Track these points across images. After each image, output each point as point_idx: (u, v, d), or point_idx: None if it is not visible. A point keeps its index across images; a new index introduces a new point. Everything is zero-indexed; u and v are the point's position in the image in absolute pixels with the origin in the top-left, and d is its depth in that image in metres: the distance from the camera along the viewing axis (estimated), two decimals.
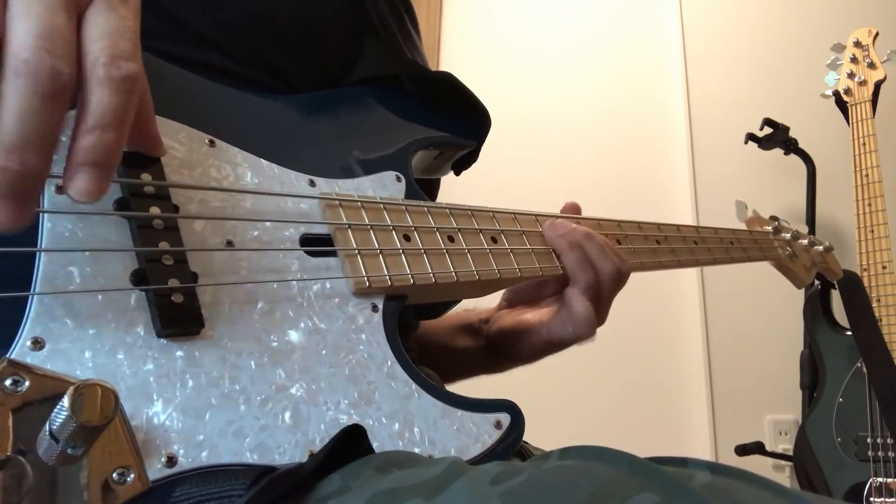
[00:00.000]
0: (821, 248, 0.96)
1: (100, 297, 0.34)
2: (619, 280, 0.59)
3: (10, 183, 0.28)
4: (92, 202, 0.31)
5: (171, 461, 0.32)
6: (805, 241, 0.93)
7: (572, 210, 0.66)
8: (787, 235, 0.91)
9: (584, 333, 0.58)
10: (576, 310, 0.57)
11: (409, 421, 0.42)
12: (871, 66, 1.64)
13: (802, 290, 1.59)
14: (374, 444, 0.39)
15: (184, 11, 0.50)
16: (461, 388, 0.56)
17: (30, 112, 0.28)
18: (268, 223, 0.43)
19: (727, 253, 0.79)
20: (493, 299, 0.65)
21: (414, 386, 0.44)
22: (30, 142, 0.28)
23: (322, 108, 0.53)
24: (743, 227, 0.89)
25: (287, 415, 0.37)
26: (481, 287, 0.54)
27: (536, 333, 0.60)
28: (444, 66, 2.16)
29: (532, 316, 0.62)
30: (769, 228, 0.91)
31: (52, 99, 0.28)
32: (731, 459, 1.62)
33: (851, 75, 1.65)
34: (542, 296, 0.64)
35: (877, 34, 1.67)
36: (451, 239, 0.51)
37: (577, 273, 0.57)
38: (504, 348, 0.64)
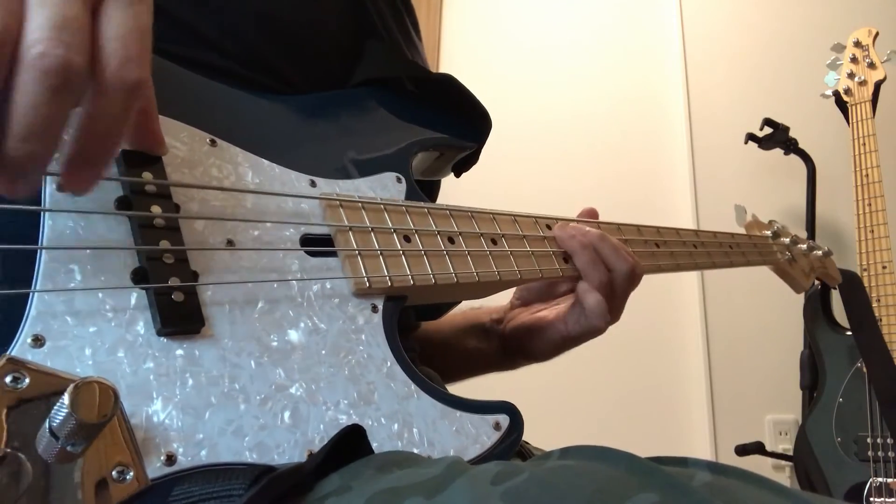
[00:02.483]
0: (819, 252, 0.96)
1: (100, 294, 0.34)
2: (633, 279, 0.60)
3: (15, 167, 0.28)
4: (82, 194, 0.33)
5: (171, 460, 0.32)
6: (804, 246, 0.93)
7: (590, 215, 0.67)
8: (786, 240, 0.92)
9: (598, 327, 0.59)
10: (588, 303, 0.58)
11: (408, 421, 0.42)
12: (871, 66, 1.64)
13: (800, 294, 1.59)
14: (374, 445, 0.39)
15: (187, 13, 0.50)
16: (461, 388, 0.56)
17: (41, 103, 0.28)
18: (268, 223, 0.43)
19: (726, 257, 0.79)
20: (496, 298, 0.66)
21: (413, 387, 0.44)
22: (39, 131, 0.28)
23: (323, 109, 0.53)
24: (742, 231, 0.89)
25: (286, 414, 0.37)
26: (481, 289, 0.54)
27: (553, 330, 0.61)
28: (444, 66, 2.16)
29: (548, 313, 0.63)
30: (768, 233, 0.91)
31: (64, 91, 0.28)
32: (731, 459, 1.62)
33: (851, 75, 1.65)
34: (555, 294, 0.65)
35: (877, 34, 1.67)
36: (452, 240, 0.51)
37: (590, 272, 0.58)
38: (521, 346, 0.65)
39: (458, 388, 0.52)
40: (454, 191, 0.72)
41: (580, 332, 0.60)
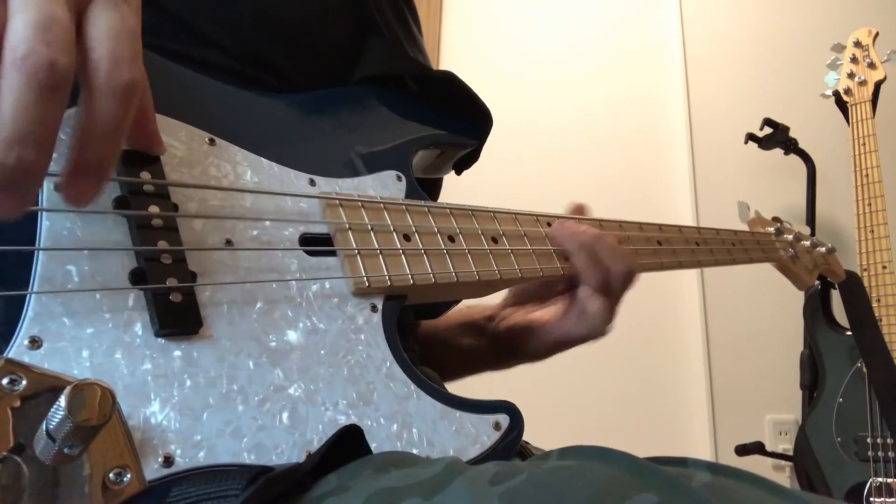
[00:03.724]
0: (823, 249, 0.96)
1: (98, 296, 0.34)
2: (629, 279, 0.59)
3: (7, 177, 0.27)
4: (84, 206, 0.32)
5: (168, 461, 0.32)
6: (807, 243, 0.93)
7: (578, 211, 0.66)
8: (790, 237, 0.91)
9: (598, 332, 0.58)
10: (591, 309, 0.57)
11: (407, 422, 0.42)
12: (871, 66, 1.64)
13: (802, 290, 1.59)
14: (373, 445, 0.39)
15: (184, 10, 0.50)
16: (461, 388, 0.56)
17: (28, 105, 0.27)
18: (267, 222, 0.43)
19: (729, 254, 0.79)
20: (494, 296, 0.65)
21: (413, 387, 0.43)
22: (28, 136, 0.27)
23: (323, 107, 0.53)
24: (745, 227, 0.89)
25: (285, 415, 0.37)
26: (482, 287, 0.54)
27: (548, 331, 0.60)
28: (445, 65, 2.16)
29: (543, 314, 0.62)
30: (771, 230, 0.90)
31: (51, 92, 0.28)
32: (731, 459, 1.62)
33: (851, 75, 1.65)
34: (550, 294, 0.64)
35: (877, 34, 1.67)
36: (452, 239, 0.51)
37: (588, 272, 0.57)
38: (513, 346, 0.64)
39: (457, 388, 0.52)
40: (455, 189, 0.72)
41: (579, 335, 0.59)
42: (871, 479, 1.40)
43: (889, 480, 1.38)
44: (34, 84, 0.27)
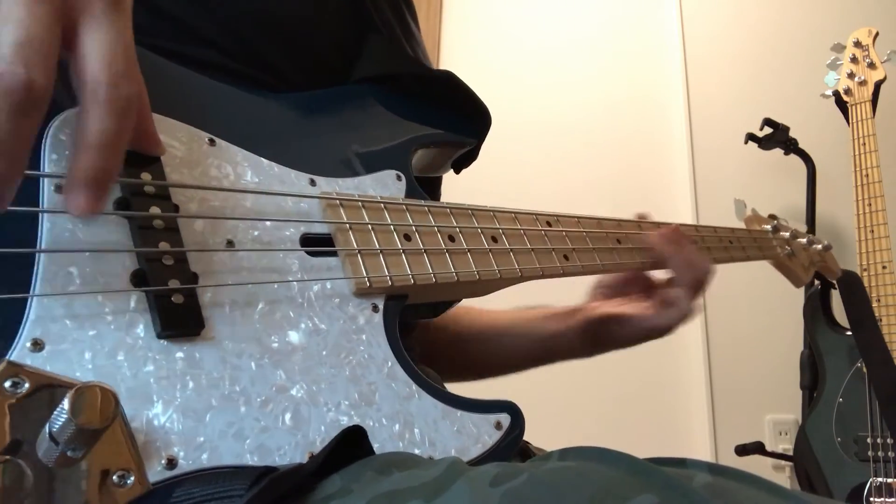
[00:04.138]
0: (819, 246, 0.96)
1: (100, 297, 0.34)
2: (710, 277, 0.69)
3: None
4: (87, 217, 0.32)
5: (172, 463, 0.32)
6: (804, 240, 0.93)
7: (645, 219, 0.74)
8: (786, 234, 0.91)
9: (685, 322, 0.68)
10: (684, 304, 0.67)
11: (409, 422, 0.42)
12: (871, 66, 1.64)
13: (802, 290, 1.59)
14: (375, 446, 0.39)
15: (182, 9, 0.50)
16: (461, 388, 0.56)
17: (1, 121, 0.28)
18: (268, 223, 0.43)
19: (726, 252, 0.79)
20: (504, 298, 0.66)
21: (414, 387, 0.44)
22: (2, 151, 0.28)
23: (322, 107, 0.53)
24: (742, 225, 0.89)
25: (287, 416, 0.37)
26: (482, 287, 0.54)
27: (640, 321, 0.69)
28: (444, 65, 2.16)
29: (631, 308, 0.70)
30: (768, 227, 0.90)
31: (25, 111, 0.28)
32: (731, 459, 1.62)
33: (851, 75, 1.65)
34: (631, 292, 0.73)
35: (877, 34, 1.67)
36: (452, 238, 0.51)
37: (683, 273, 0.67)
38: (606, 332, 0.71)
39: (457, 388, 0.52)
40: (455, 189, 0.72)
41: (669, 326, 0.68)
42: (871, 479, 1.40)
43: (889, 480, 1.38)
44: (9, 102, 0.27)
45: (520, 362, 0.76)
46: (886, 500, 1.37)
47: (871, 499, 1.38)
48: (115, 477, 0.29)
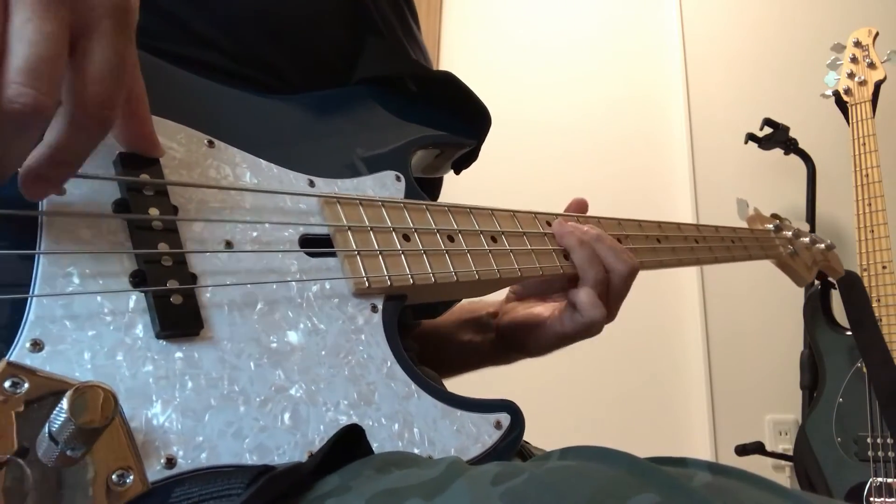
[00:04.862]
0: (822, 246, 0.96)
1: (99, 298, 0.34)
2: (630, 279, 0.60)
3: None
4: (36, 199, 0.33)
5: (171, 463, 0.32)
6: (806, 240, 0.93)
7: (578, 207, 0.67)
8: (789, 233, 0.91)
9: (593, 323, 0.58)
10: (580, 301, 0.57)
11: (408, 421, 0.42)
12: (871, 66, 1.64)
13: (802, 290, 1.59)
14: (374, 445, 0.39)
15: (182, 10, 0.50)
16: (461, 387, 0.56)
17: (4, 140, 0.28)
18: (267, 224, 0.43)
19: (728, 251, 0.79)
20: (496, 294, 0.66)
21: (413, 386, 0.44)
22: (6, 163, 0.29)
23: (321, 108, 0.53)
24: (744, 225, 0.89)
25: (286, 416, 0.37)
26: (481, 287, 0.54)
27: (548, 327, 0.61)
28: (444, 65, 2.16)
29: (543, 310, 0.63)
30: (770, 227, 0.90)
31: (28, 130, 0.29)
32: (731, 459, 1.62)
33: (851, 75, 1.65)
34: (551, 290, 0.65)
35: (877, 34, 1.67)
36: (451, 239, 0.51)
37: (587, 270, 0.58)
38: (515, 340, 0.65)
39: (457, 388, 0.52)
40: (454, 189, 0.72)
41: (575, 331, 0.59)
42: (871, 479, 1.40)
43: (889, 480, 1.38)
44: (14, 124, 0.28)
45: (448, 369, 0.71)
46: (886, 499, 1.37)
47: (871, 499, 1.38)
48: (114, 476, 0.29)
